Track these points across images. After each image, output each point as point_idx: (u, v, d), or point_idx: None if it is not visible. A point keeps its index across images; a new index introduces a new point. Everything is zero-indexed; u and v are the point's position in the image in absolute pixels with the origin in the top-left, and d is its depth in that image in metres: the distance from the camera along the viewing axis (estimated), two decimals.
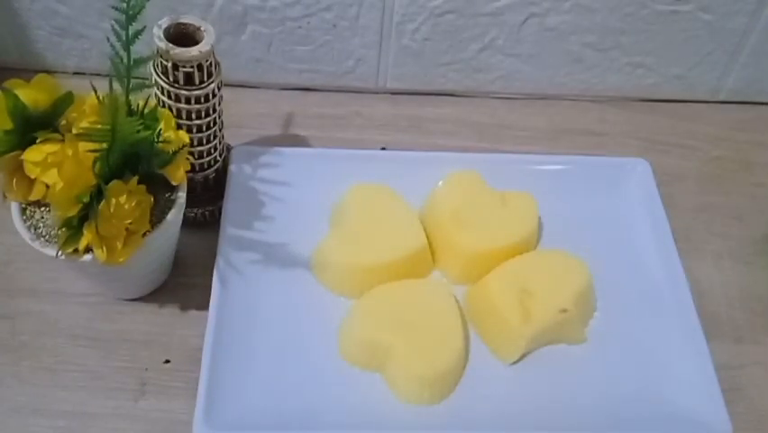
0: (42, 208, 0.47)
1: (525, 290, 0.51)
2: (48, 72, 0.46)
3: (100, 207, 0.42)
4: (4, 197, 0.45)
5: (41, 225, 0.47)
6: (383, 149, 0.64)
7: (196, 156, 0.54)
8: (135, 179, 0.44)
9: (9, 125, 0.42)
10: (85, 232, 0.43)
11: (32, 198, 0.43)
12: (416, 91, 0.68)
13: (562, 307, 0.50)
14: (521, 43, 0.65)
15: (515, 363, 0.51)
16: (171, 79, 0.49)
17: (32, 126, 0.43)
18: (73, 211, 0.43)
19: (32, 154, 0.41)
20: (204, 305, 0.50)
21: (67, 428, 0.47)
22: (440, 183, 0.56)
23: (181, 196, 0.49)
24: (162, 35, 0.48)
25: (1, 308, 0.52)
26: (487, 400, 0.49)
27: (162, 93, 0.50)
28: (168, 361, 0.51)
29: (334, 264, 0.53)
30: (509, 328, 0.50)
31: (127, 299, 0.53)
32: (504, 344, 0.51)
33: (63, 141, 0.42)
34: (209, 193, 0.56)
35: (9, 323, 0.52)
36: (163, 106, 0.50)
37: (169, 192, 0.49)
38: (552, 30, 0.64)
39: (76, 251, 0.45)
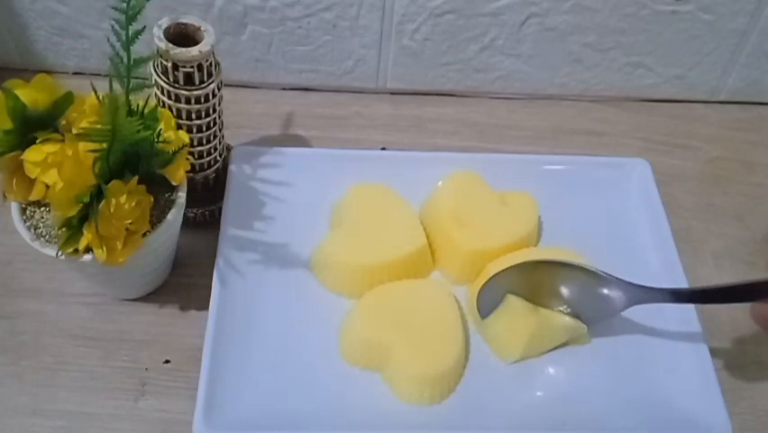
0: (42, 208, 0.47)
1: None
2: (48, 72, 0.46)
3: (100, 207, 0.42)
4: (4, 197, 0.45)
5: (41, 225, 0.47)
6: (383, 149, 0.64)
7: (196, 156, 0.54)
8: (135, 179, 0.44)
9: (9, 125, 0.42)
10: (85, 232, 0.43)
11: (32, 198, 0.43)
12: (416, 91, 0.68)
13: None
14: (521, 43, 0.65)
15: (515, 362, 0.51)
16: (171, 79, 0.49)
17: (32, 126, 0.43)
18: (73, 211, 0.43)
19: (32, 154, 0.41)
20: (204, 305, 0.50)
21: (67, 428, 0.47)
22: (440, 183, 0.56)
23: (181, 196, 0.49)
24: (162, 35, 0.48)
25: (1, 308, 0.52)
26: (487, 400, 0.49)
27: (162, 93, 0.50)
28: (168, 361, 0.51)
29: (334, 264, 0.53)
30: None
31: (127, 299, 0.53)
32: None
33: (63, 141, 0.42)
34: (209, 193, 0.56)
35: (9, 323, 0.52)
36: (163, 106, 0.50)
37: (169, 192, 0.49)
38: (552, 30, 0.64)
39: (76, 251, 0.45)
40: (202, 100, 0.50)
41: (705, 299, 0.48)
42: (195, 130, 0.52)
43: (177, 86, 0.49)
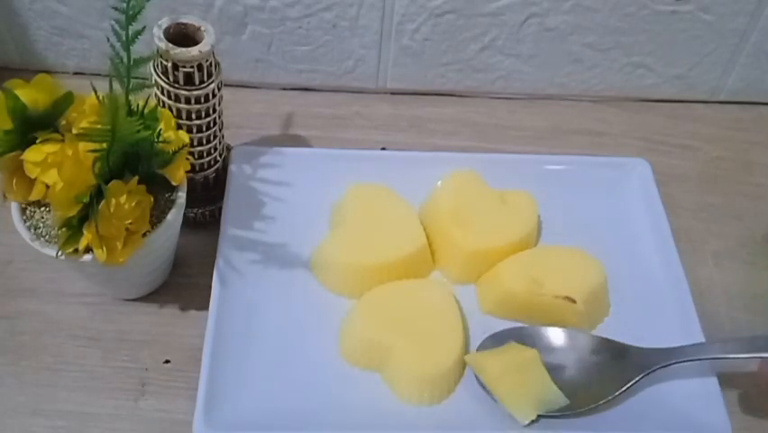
0: (42, 208, 0.47)
1: (535, 280, 0.51)
2: (48, 72, 0.46)
3: (100, 207, 0.42)
4: (4, 197, 0.45)
5: (41, 225, 0.47)
6: (383, 149, 0.64)
7: (196, 156, 0.54)
8: (135, 179, 0.44)
9: (9, 125, 0.42)
10: (85, 232, 0.43)
11: (32, 198, 0.43)
12: (416, 91, 0.68)
13: (569, 295, 0.50)
14: (521, 43, 0.65)
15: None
16: (171, 79, 0.49)
17: (32, 126, 0.43)
18: (73, 211, 0.43)
19: (32, 154, 0.41)
20: (204, 305, 0.50)
21: (67, 428, 0.47)
22: (439, 183, 0.56)
23: (181, 196, 0.49)
24: (162, 35, 0.48)
25: (1, 308, 0.52)
26: (487, 400, 0.49)
27: (162, 93, 0.50)
28: (168, 361, 0.51)
29: (334, 264, 0.53)
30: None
31: (127, 299, 0.53)
32: None
33: (63, 141, 0.42)
34: (209, 193, 0.56)
35: (9, 323, 0.52)
36: (163, 106, 0.50)
37: (169, 192, 0.49)
38: (552, 30, 0.64)
39: (76, 251, 0.45)
40: (202, 100, 0.50)
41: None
42: (195, 130, 0.52)
43: (177, 86, 0.49)
